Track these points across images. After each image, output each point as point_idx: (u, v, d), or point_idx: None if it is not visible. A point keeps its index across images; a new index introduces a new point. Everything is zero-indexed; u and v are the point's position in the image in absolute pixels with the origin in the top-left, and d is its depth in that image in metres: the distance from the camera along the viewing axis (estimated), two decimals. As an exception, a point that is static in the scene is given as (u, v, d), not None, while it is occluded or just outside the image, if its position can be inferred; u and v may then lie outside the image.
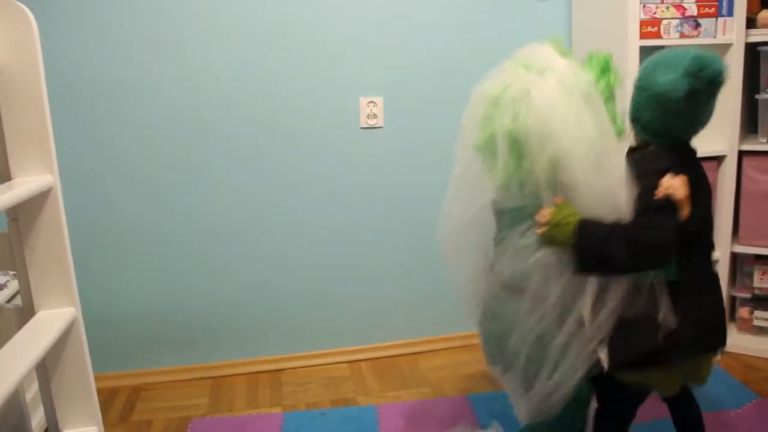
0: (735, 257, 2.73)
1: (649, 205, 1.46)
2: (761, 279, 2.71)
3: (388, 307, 2.86)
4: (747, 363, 2.66)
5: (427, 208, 2.74)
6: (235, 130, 2.57)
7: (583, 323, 1.55)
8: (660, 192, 1.45)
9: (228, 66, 2.52)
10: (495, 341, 1.72)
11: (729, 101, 2.44)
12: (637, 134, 1.63)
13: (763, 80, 2.55)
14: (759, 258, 2.70)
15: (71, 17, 2.38)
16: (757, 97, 2.57)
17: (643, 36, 2.39)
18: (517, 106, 1.50)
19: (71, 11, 2.38)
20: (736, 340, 2.77)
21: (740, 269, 2.77)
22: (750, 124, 2.67)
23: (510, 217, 1.62)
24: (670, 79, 1.48)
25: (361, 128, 2.67)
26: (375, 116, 2.66)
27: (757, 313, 2.76)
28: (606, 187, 1.48)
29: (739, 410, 2.31)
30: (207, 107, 2.54)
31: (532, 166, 1.51)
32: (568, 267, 1.51)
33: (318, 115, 2.63)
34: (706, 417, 1.85)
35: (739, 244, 2.66)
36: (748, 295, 2.76)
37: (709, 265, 1.66)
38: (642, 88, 1.56)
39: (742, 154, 2.58)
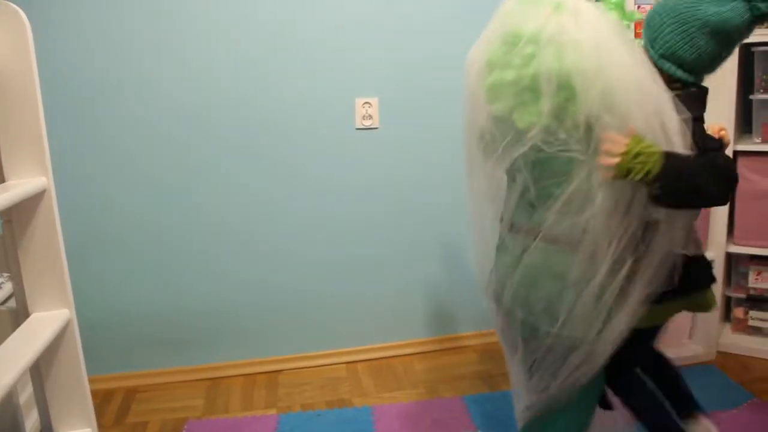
0: (730, 257, 2.73)
1: (708, 144, 1.49)
2: (756, 279, 2.71)
3: (384, 308, 2.87)
4: (742, 363, 2.67)
5: (423, 210, 2.78)
6: (233, 130, 2.58)
7: (637, 269, 1.51)
8: (716, 133, 1.53)
9: (224, 66, 2.52)
10: (545, 303, 1.58)
11: (723, 101, 2.45)
12: (665, 72, 1.56)
13: (757, 81, 2.55)
14: (754, 258, 2.71)
15: (71, 17, 2.38)
16: (751, 97, 2.58)
17: (638, 36, 2.39)
18: (559, 44, 1.41)
19: (71, 11, 2.37)
20: (731, 340, 2.78)
21: (735, 269, 2.78)
22: (744, 125, 2.67)
23: (552, 165, 1.51)
24: (729, 8, 1.47)
25: (357, 129, 2.68)
26: (370, 117, 2.66)
27: (753, 313, 2.77)
28: (659, 123, 1.44)
29: (735, 410, 2.32)
30: (206, 107, 2.54)
31: (580, 106, 1.41)
32: (647, 200, 1.45)
33: (314, 116, 2.63)
34: (702, 417, 1.86)
35: (734, 244, 2.67)
36: (743, 296, 2.77)
37: None
38: (685, 22, 1.51)
39: (736, 154, 2.58)
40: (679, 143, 1.44)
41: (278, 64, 2.56)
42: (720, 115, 2.44)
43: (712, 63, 1.56)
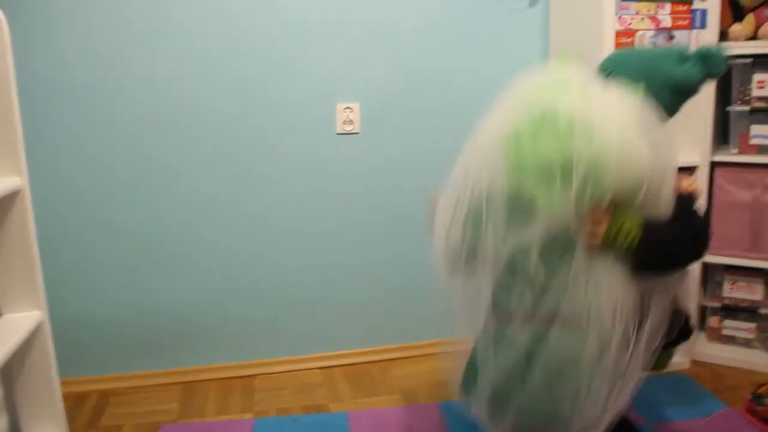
0: (706, 267, 2.76)
1: (683, 202, 1.57)
2: (731, 289, 2.74)
3: (361, 313, 2.86)
4: (715, 372, 2.69)
5: (402, 215, 2.77)
6: (211, 136, 2.55)
7: (641, 334, 1.54)
8: (687, 189, 1.61)
9: (206, 71, 2.50)
10: (571, 391, 1.55)
11: (701, 113, 2.48)
12: None
13: (734, 92, 2.58)
14: (729, 268, 2.73)
15: (67, 11, 2.35)
16: (728, 109, 2.60)
17: (617, 46, 2.41)
18: (589, 129, 1.44)
19: (69, 7, 2.35)
20: (705, 349, 2.80)
21: (711, 279, 2.80)
22: (722, 136, 2.70)
23: (562, 243, 1.53)
24: (685, 67, 1.60)
25: (338, 134, 2.67)
26: (351, 122, 2.66)
27: (727, 322, 2.79)
28: (658, 193, 1.51)
29: (708, 418, 2.33)
30: (185, 111, 2.52)
31: (601, 189, 1.45)
32: (631, 271, 1.52)
33: (294, 121, 2.62)
34: (674, 426, 1.87)
35: (710, 253, 2.68)
36: (717, 305, 2.80)
37: None
38: (649, 78, 1.58)
39: (714, 165, 2.61)
40: (668, 209, 1.52)
41: (257, 68, 2.54)
42: (698, 126, 2.49)
43: (669, 117, 1.64)
